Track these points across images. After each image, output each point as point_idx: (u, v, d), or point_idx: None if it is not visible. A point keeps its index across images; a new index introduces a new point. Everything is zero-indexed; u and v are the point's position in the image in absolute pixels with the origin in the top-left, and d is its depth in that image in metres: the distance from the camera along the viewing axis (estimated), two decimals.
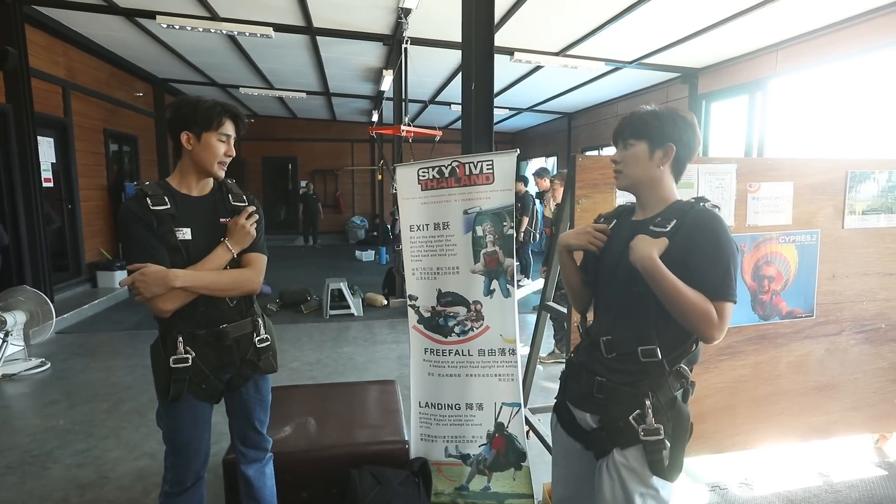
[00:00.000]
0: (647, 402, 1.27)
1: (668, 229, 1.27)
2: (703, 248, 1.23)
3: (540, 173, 7.02)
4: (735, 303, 1.24)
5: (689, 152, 1.34)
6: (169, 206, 1.56)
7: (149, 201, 1.54)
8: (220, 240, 1.63)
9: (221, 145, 1.61)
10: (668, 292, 1.22)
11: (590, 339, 1.43)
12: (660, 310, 1.27)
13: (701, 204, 1.31)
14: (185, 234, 1.58)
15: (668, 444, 1.27)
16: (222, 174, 1.66)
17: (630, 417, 1.28)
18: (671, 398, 1.29)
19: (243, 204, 1.72)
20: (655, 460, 1.27)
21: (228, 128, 1.62)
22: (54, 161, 6.30)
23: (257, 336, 1.73)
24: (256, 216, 1.68)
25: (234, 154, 1.66)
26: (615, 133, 1.40)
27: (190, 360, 1.60)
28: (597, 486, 1.37)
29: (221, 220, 1.66)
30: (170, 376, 1.59)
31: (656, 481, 1.28)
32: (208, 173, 1.64)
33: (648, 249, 1.23)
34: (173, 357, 1.59)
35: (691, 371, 1.34)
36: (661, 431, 1.26)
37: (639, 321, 1.31)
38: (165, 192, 1.59)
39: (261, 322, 1.76)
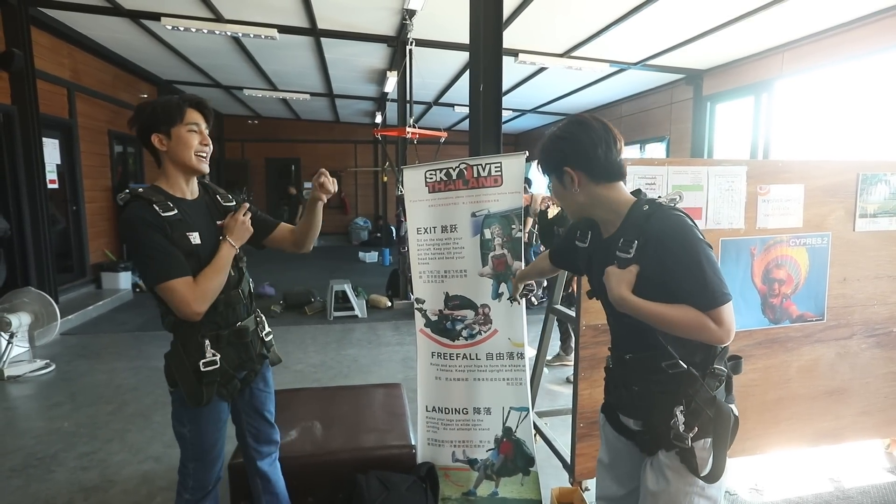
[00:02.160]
0: (678, 410, 1.24)
1: (632, 254, 1.23)
2: (674, 261, 1.18)
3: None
4: (729, 301, 1.17)
5: (592, 159, 1.26)
6: (177, 212, 1.53)
7: (157, 208, 1.49)
8: (218, 239, 1.63)
9: (194, 136, 1.56)
10: (658, 322, 1.20)
11: (616, 354, 1.43)
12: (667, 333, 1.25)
13: (658, 203, 1.24)
14: (196, 238, 1.55)
15: (708, 446, 1.25)
16: (205, 167, 1.61)
17: (671, 422, 1.26)
18: (710, 398, 1.25)
19: (232, 203, 1.74)
20: (690, 466, 1.26)
21: (194, 116, 1.57)
22: (59, 162, 6.31)
23: (263, 331, 1.78)
24: (251, 213, 1.71)
25: (210, 144, 1.61)
26: None
27: (219, 362, 1.60)
28: (642, 480, 1.37)
29: (218, 222, 1.66)
30: (201, 381, 1.57)
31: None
32: (190, 169, 1.58)
33: (618, 291, 1.22)
34: (203, 360, 1.56)
35: (730, 364, 1.30)
36: (688, 440, 1.24)
37: (650, 343, 1.28)
38: (166, 197, 1.55)
39: (260, 319, 1.81)
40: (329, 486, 2.15)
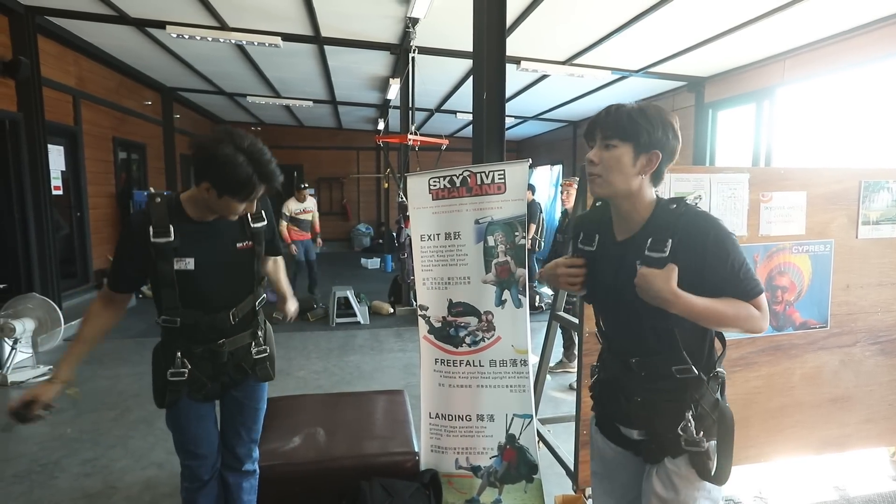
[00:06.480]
0: (689, 414, 1.25)
1: (667, 253, 1.18)
2: (712, 257, 1.18)
3: None
4: (764, 290, 1.22)
5: (671, 161, 1.26)
6: (171, 239, 1.47)
7: (151, 231, 1.47)
8: (229, 264, 1.59)
9: (241, 206, 1.51)
10: (706, 317, 1.17)
11: (618, 360, 1.36)
12: (683, 335, 1.24)
13: (686, 202, 1.24)
14: (188, 264, 1.51)
15: (715, 449, 1.26)
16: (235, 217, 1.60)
17: (678, 429, 1.25)
18: (713, 401, 1.27)
19: (263, 224, 1.68)
20: (702, 469, 1.26)
21: (257, 195, 1.52)
22: (64, 169, 6.35)
23: (255, 347, 1.74)
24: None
25: (254, 210, 1.62)
26: (594, 125, 1.25)
27: (186, 374, 1.62)
28: (645, 487, 1.36)
29: (238, 244, 1.62)
30: (165, 386, 1.63)
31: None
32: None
33: (668, 288, 1.13)
34: (170, 370, 1.61)
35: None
36: (704, 442, 1.24)
37: (662, 346, 1.27)
38: (173, 217, 1.50)
39: (260, 333, 1.76)
40: (332, 492, 2.15)
